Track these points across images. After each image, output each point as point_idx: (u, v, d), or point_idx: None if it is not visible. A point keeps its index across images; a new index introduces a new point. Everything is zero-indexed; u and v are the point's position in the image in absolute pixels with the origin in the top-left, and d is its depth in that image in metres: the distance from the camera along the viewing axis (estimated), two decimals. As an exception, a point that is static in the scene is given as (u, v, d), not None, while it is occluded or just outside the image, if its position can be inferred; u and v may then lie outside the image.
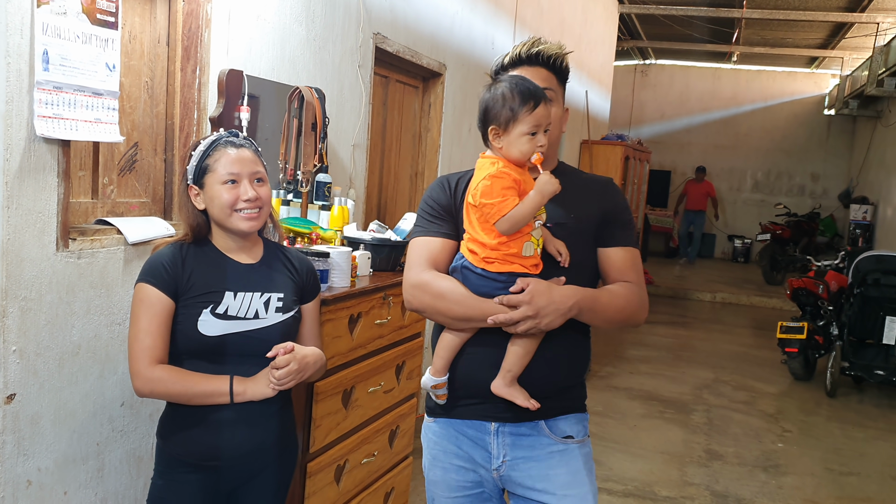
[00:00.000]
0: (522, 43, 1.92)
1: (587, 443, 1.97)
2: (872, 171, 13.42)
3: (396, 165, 4.66)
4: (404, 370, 3.09)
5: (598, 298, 1.85)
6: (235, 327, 1.92)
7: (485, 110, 1.81)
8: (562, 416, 1.93)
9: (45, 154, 2.07)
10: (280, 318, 2.00)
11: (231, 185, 1.93)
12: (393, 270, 3.05)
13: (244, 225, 1.95)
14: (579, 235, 1.89)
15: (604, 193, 1.95)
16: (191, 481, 1.96)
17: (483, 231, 1.78)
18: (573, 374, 1.95)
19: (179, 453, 1.96)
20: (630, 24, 12.68)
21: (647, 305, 1.95)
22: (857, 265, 6.54)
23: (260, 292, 1.98)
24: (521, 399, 1.84)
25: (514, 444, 1.91)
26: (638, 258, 1.95)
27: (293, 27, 3.15)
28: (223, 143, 1.96)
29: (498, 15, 5.74)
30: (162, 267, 1.91)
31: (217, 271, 1.96)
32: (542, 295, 1.75)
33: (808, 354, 6.88)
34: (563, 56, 1.93)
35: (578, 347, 1.95)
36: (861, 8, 10.42)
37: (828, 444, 5.31)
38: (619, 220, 1.93)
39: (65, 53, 2.08)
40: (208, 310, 1.90)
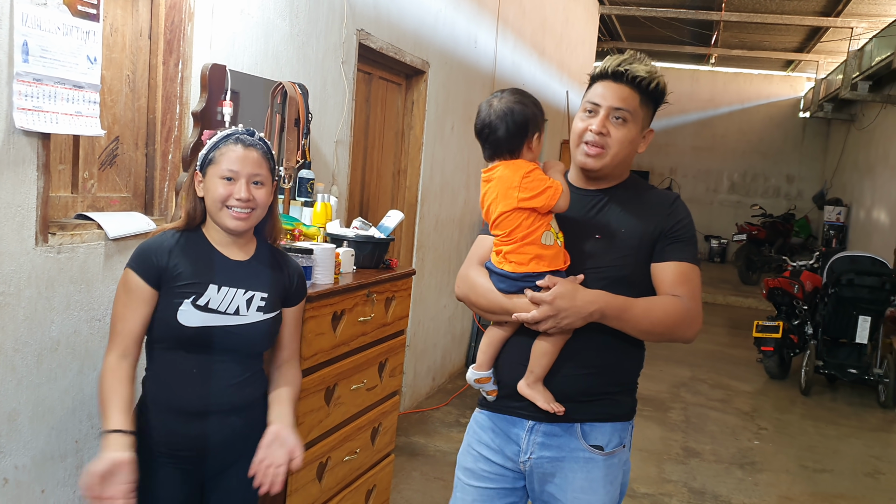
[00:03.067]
0: (615, 56, 1.91)
1: (619, 454, 1.96)
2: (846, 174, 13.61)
3: (379, 162, 4.64)
4: (387, 367, 3.09)
5: (629, 308, 1.84)
6: (215, 321, 1.92)
7: (527, 119, 1.86)
8: (598, 423, 1.93)
9: (25, 147, 2.03)
10: (261, 318, 2.00)
11: (228, 181, 1.92)
12: (376, 267, 3.04)
13: (231, 223, 1.94)
14: (628, 249, 1.89)
15: (666, 210, 1.93)
16: (166, 472, 1.96)
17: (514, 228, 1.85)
18: (607, 382, 1.94)
19: (153, 443, 1.94)
20: (610, 25, 12.74)
21: (698, 322, 1.90)
22: (831, 265, 6.63)
23: (244, 289, 1.98)
24: (541, 401, 1.89)
25: (544, 443, 1.94)
26: (693, 274, 1.91)
27: (277, 22, 3.13)
28: (234, 139, 1.96)
29: (481, 13, 5.75)
30: (150, 255, 1.92)
31: (204, 264, 1.96)
32: (565, 297, 1.80)
33: (784, 353, 6.97)
34: (653, 80, 1.90)
35: (617, 355, 1.93)
36: (836, 13, 10.56)
37: (802, 441, 5.38)
38: (676, 236, 1.91)
39: (45, 45, 2.05)
40: (189, 300, 1.90)
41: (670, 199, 1.98)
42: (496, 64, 6.26)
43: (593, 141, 1.88)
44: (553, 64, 8.43)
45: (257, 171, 1.96)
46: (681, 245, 1.91)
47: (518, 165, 1.86)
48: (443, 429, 4.88)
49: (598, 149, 1.88)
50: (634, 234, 1.90)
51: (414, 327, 5.09)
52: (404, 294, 3.18)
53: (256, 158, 1.96)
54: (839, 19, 10.71)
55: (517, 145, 1.87)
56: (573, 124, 1.96)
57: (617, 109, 1.88)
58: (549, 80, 8.30)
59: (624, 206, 1.93)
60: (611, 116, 1.89)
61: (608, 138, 1.89)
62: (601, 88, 1.91)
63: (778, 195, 16.28)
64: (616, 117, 1.89)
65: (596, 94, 1.91)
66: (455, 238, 5.82)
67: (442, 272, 5.56)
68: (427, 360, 5.47)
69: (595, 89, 1.93)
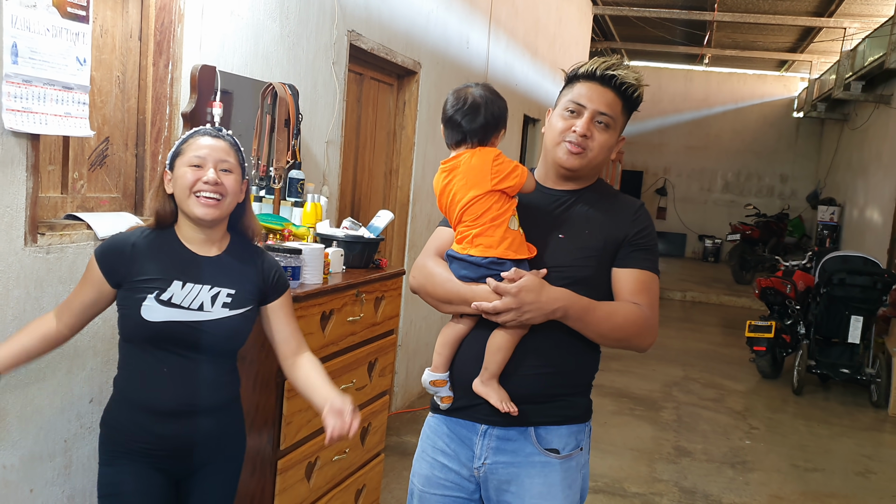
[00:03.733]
0: (603, 59, 1.90)
1: (576, 457, 1.94)
2: (840, 173, 13.65)
3: (371, 163, 4.66)
4: (377, 367, 3.10)
5: (592, 310, 1.83)
6: (178, 316, 1.90)
7: (502, 114, 1.88)
8: (553, 427, 1.90)
9: (14, 148, 2.04)
10: (226, 314, 1.96)
11: (196, 168, 1.90)
12: (366, 267, 3.05)
13: (199, 210, 1.91)
14: (591, 251, 1.88)
15: (630, 217, 1.93)
16: (137, 469, 1.95)
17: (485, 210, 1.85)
18: (563, 383, 1.91)
19: (124, 441, 1.94)
20: (604, 26, 12.77)
21: (654, 332, 1.90)
22: (823, 265, 6.66)
23: (210, 285, 1.95)
24: (495, 399, 1.84)
25: (498, 448, 1.91)
26: (653, 283, 1.91)
27: (267, 23, 3.14)
28: (201, 133, 1.97)
29: (473, 14, 5.76)
30: (117, 250, 1.93)
31: (171, 260, 1.94)
32: (531, 291, 1.77)
33: (776, 353, 6.99)
34: (639, 88, 1.90)
35: (574, 355, 1.91)
36: (829, 13, 10.60)
37: (794, 440, 5.41)
38: (639, 244, 1.90)
39: (34, 46, 2.06)
40: (153, 295, 1.89)
41: (635, 206, 1.97)
42: (488, 64, 6.28)
43: (576, 142, 1.87)
44: (546, 64, 8.45)
45: (225, 157, 1.94)
46: (643, 253, 1.90)
47: (485, 152, 1.86)
48: (435, 428, 4.88)
49: (580, 149, 1.87)
50: (599, 237, 1.89)
51: (406, 327, 5.10)
52: (394, 294, 3.19)
53: (224, 147, 1.95)
54: (832, 19, 10.76)
55: (489, 136, 1.87)
56: (550, 122, 1.93)
57: (602, 114, 1.86)
58: (541, 80, 8.32)
59: (589, 209, 1.92)
60: (594, 120, 1.87)
61: (590, 141, 1.87)
62: (586, 90, 1.88)
63: (772, 195, 16.32)
64: (599, 121, 1.87)
65: (581, 94, 1.88)
66: (448, 238, 5.83)
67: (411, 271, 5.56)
68: (419, 360, 5.48)
69: (579, 89, 1.89)
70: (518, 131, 7.65)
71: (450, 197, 1.89)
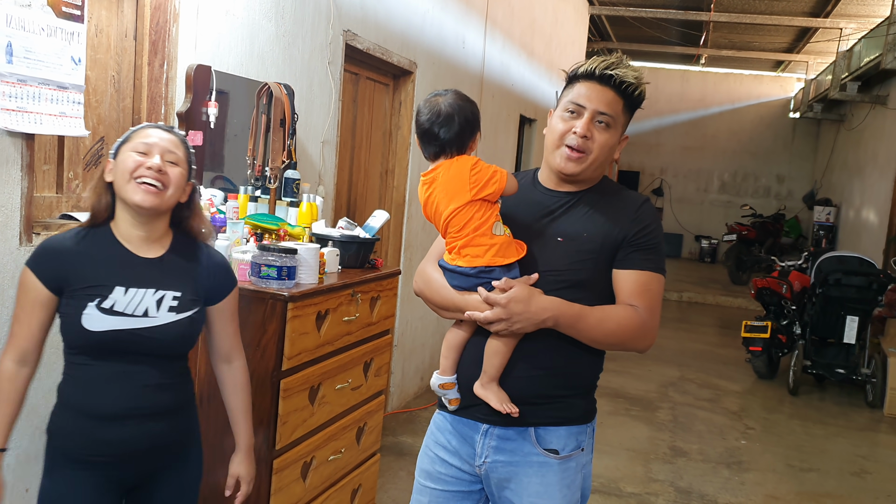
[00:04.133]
0: (602, 58, 1.88)
1: (577, 457, 1.94)
2: (836, 174, 13.68)
3: (367, 163, 4.66)
4: (372, 367, 3.10)
5: (583, 317, 1.82)
6: (122, 324, 1.80)
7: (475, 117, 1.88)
8: (553, 427, 1.91)
9: (9, 147, 2.04)
10: (172, 319, 1.86)
11: (140, 155, 1.81)
12: (361, 267, 3.05)
13: (138, 196, 1.79)
14: (587, 253, 1.87)
15: (630, 215, 1.90)
16: (81, 479, 1.85)
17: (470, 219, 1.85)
18: (562, 385, 1.92)
19: (68, 448, 1.85)
20: (600, 26, 12.79)
21: (652, 335, 1.88)
22: (819, 265, 6.67)
23: (154, 289, 1.85)
24: (494, 401, 1.86)
25: (498, 447, 1.93)
26: (654, 284, 1.88)
27: (262, 23, 3.14)
28: (153, 126, 1.90)
29: (469, 14, 5.77)
30: (50, 255, 1.81)
31: (109, 263, 1.83)
32: (520, 301, 1.78)
33: (772, 353, 7.01)
34: (640, 86, 1.88)
35: (573, 358, 1.90)
36: (825, 13, 10.62)
37: (789, 441, 5.42)
38: (640, 243, 1.87)
39: (29, 46, 2.06)
40: (94, 303, 1.78)
41: (637, 202, 1.93)
42: (484, 64, 6.28)
43: (577, 145, 1.85)
44: (542, 64, 8.46)
45: (173, 149, 1.85)
46: (644, 253, 1.87)
47: (462, 161, 1.85)
48: (431, 428, 4.89)
49: (579, 153, 1.85)
50: (596, 239, 1.87)
51: (402, 327, 5.10)
52: (390, 294, 3.19)
53: (174, 140, 1.87)
54: (828, 20, 10.78)
55: (465, 143, 1.87)
56: (551, 123, 1.92)
57: (602, 114, 1.85)
58: (538, 81, 8.32)
59: (590, 210, 1.90)
60: (595, 120, 1.85)
61: (590, 142, 1.85)
62: (585, 90, 1.87)
63: (768, 195, 16.35)
64: (599, 121, 1.85)
65: (580, 94, 1.87)
66: (444, 238, 5.83)
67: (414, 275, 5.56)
68: (415, 360, 5.48)
69: (578, 90, 1.88)
70: (514, 132, 7.66)
71: (433, 209, 1.89)
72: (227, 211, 2.75)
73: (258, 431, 2.45)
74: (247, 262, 2.50)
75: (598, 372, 2.01)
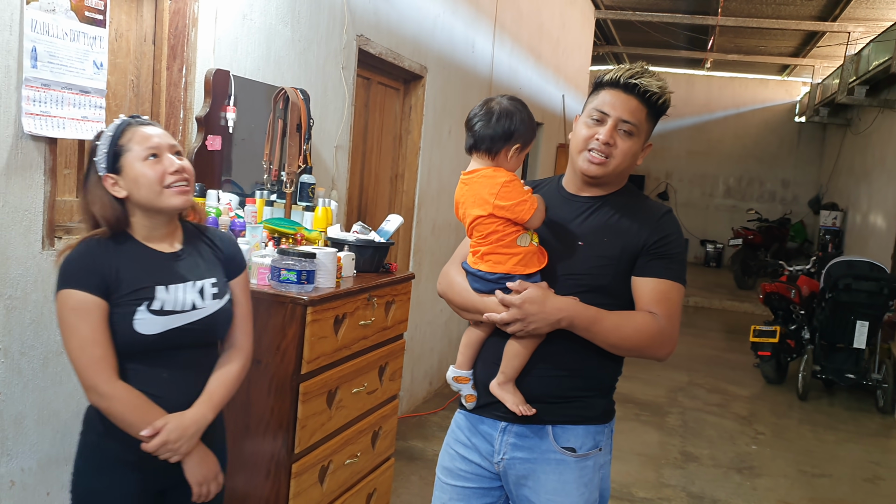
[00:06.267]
0: (627, 67, 1.90)
1: (594, 457, 1.95)
2: (842, 178, 13.66)
3: (377, 167, 4.66)
4: (387, 371, 3.10)
5: (599, 320, 1.83)
6: (175, 322, 1.80)
7: (517, 127, 1.88)
8: (571, 426, 1.93)
9: (33, 151, 2.05)
10: (219, 305, 1.89)
11: (153, 159, 1.78)
12: (376, 271, 3.06)
13: (177, 200, 1.80)
14: (607, 259, 1.88)
15: (652, 224, 1.90)
16: (125, 480, 1.83)
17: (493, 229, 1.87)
18: (579, 385, 1.93)
19: (120, 451, 1.81)
20: (606, 30, 12.79)
21: (671, 343, 1.88)
22: (828, 270, 6.65)
23: (192, 281, 1.85)
24: (510, 402, 1.89)
25: (516, 444, 1.95)
26: (674, 293, 1.88)
27: (278, 27, 3.15)
28: (132, 125, 1.82)
29: (479, 18, 5.78)
30: (84, 268, 1.74)
31: (142, 265, 1.80)
32: (534, 302, 1.81)
33: (781, 358, 6.99)
34: (663, 95, 1.89)
35: (591, 359, 1.91)
36: (833, 17, 10.61)
37: (800, 446, 5.40)
38: (660, 252, 1.88)
39: (53, 51, 2.07)
40: (143, 308, 1.76)
41: (660, 212, 1.95)
42: (493, 68, 6.29)
43: (599, 149, 1.88)
44: (549, 68, 8.46)
45: (172, 141, 1.84)
46: (664, 262, 1.88)
47: (499, 174, 1.87)
48: (440, 433, 4.89)
49: (602, 157, 1.88)
50: (616, 244, 1.89)
51: (411, 331, 5.10)
52: (404, 298, 3.20)
53: (164, 132, 1.85)
54: (836, 24, 10.75)
55: (498, 146, 1.88)
56: (576, 129, 1.95)
57: (625, 122, 1.87)
58: (545, 85, 8.33)
59: (612, 215, 1.92)
60: (618, 128, 1.88)
61: (613, 149, 1.88)
62: (610, 97, 1.89)
63: (773, 200, 16.32)
64: (623, 130, 1.88)
65: (604, 102, 1.89)
66: (451, 243, 5.84)
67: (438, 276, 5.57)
68: (424, 365, 5.48)
69: (603, 97, 1.90)
70: (522, 136, 7.65)
71: (462, 210, 1.94)
72: (246, 215, 2.75)
73: (277, 436, 2.46)
74: (266, 266, 2.50)
75: (617, 374, 2.04)
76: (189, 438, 1.81)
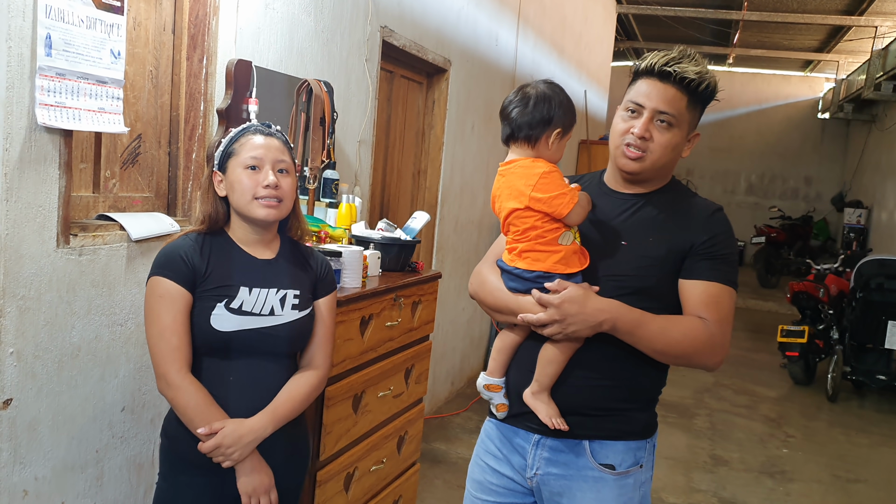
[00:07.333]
0: (664, 53, 1.77)
1: (635, 474, 1.83)
2: (867, 175, 13.42)
3: (399, 163, 4.55)
4: (413, 374, 2.99)
5: (643, 323, 1.70)
6: (250, 323, 1.82)
7: (556, 111, 1.76)
8: (610, 441, 1.80)
9: (47, 144, 1.95)
10: (297, 316, 1.90)
11: (252, 170, 1.83)
12: (402, 270, 2.95)
13: (261, 212, 1.84)
14: (652, 259, 1.76)
15: (701, 222, 1.78)
16: (197, 485, 1.85)
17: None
18: (620, 397, 1.80)
19: (187, 453, 1.83)
20: (627, 25, 12.62)
21: (721, 351, 1.75)
22: (859, 269, 6.48)
23: (276, 289, 1.88)
24: (543, 413, 1.78)
25: (550, 459, 1.83)
26: (725, 296, 1.75)
27: (301, 17, 3.04)
28: (252, 131, 1.89)
29: (502, 11, 5.65)
30: (179, 258, 1.81)
31: (231, 265, 1.86)
32: (574, 302, 1.69)
33: (809, 359, 6.82)
34: (703, 81, 1.76)
35: (633, 368, 1.79)
36: (860, 11, 10.39)
37: (832, 450, 5.25)
38: (709, 253, 1.75)
39: (68, 38, 1.96)
40: (222, 304, 1.80)
41: (709, 210, 1.82)
42: (516, 62, 6.16)
43: (635, 144, 1.75)
44: (572, 63, 8.32)
45: (281, 157, 1.87)
46: (714, 263, 1.75)
47: (538, 164, 1.75)
48: (464, 435, 4.78)
49: (638, 152, 1.75)
50: (661, 245, 1.76)
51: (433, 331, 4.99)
52: (430, 298, 3.09)
53: (279, 146, 1.88)
54: (863, 18, 10.54)
55: (537, 133, 1.76)
56: (613, 122, 1.83)
57: (661, 113, 1.74)
58: (567, 79, 8.19)
59: (657, 214, 1.80)
60: (655, 119, 1.75)
61: (650, 143, 1.75)
62: (645, 87, 1.77)
63: (796, 197, 16.09)
64: (661, 120, 1.75)
65: (640, 92, 1.77)
66: (474, 240, 5.72)
67: (461, 275, 5.46)
68: (446, 365, 5.37)
69: (639, 87, 1.78)
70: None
71: (499, 203, 1.82)
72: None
73: (301, 442, 2.35)
74: (290, 265, 2.39)
75: (661, 385, 1.90)
76: (244, 447, 1.80)
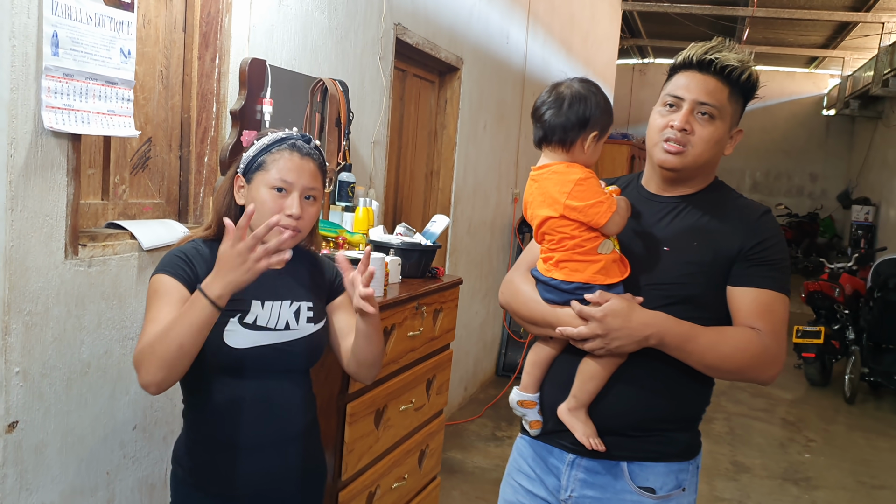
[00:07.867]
0: (702, 43, 1.67)
1: (676, 498, 1.70)
2: (874, 172, 13.31)
3: (412, 164, 4.43)
4: (434, 384, 2.87)
5: (693, 337, 1.59)
6: (266, 339, 1.68)
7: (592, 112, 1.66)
8: (650, 463, 1.68)
9: (54, 149, 1.83)
10: (312, 330, 1.76)
11: (279, 193, 1.67)
12: (423, 277, 2.83)
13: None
14: (697, 266, 1.64)
15: (749, 226, 1.66)
16: None
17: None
18: (661, 417, 1.68)
19: (196, 481, 1.72)
20: (631, 22, 12.50)
21: (778, 363, 1.63)
22: (877, 268, 6.38)
23: (290, 301, 1.75)
24: (579, 432, 1.66)
25: (585, 481, 1.71)
26: (778, 305, 1.63)
27: (315, 14, 2.92)
28: (290, 145, 1.70)
29: (513, 8, 5.52)
30: (182, 261, 1.66)
31: None
32: (618, 315, 1.57)
33: (825, 360, 6.71)
34: (745, 70, 1.66)
35: (677, 384, 1.67)
36: (866, 7, 10.29)
37: (854, 454, 5.13)
38: (760, 258, 1.63)
39: (76, 37, 1.84)
40: (235, 319, 1.66)
41: (758, 212, 1.70)
42: (526, 60, 6.04)
43: (675, 138, 1.64)
44: (580, 61, 8.20)
45: (312, 184, 1.71)
46: (765, 269, 1.63)
47: (574, 170, 1.63)
48: (479, 443, 4.66)
49: (679, 146, 1.64)
50: (707, 249, 1.64)
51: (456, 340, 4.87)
52: (451, 305, 2.97)
53: (313, 170, 1.72)
54: (870, 14, 10.44)
55: (573, 136, 1.65)
56: (650, 120, 1.72)
57: (702, 104, 1.64)
58: (576, 78, 8.06)
59: (701, 217, 1.68)
60: (695, 112, 1.64)
61: (691, 136, 1.64)
62: (684, 79, 1.66)
63: (801, 194, 15.99)
64: (702, 112, 1.64)
65: (678, 85, 1.67)
66: (487, 242, 5.60)
67: (474, 277, 5.34)
68: (459, 370, 5.24)
69: (677, 81, 1.68)
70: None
71: (531, 210, 1.70)
72: (284, 218, 2.53)
73: (323, 461, 2.23)
74: (309, 275, 2.27)
75: (706, 403, 1.78)
76: None
